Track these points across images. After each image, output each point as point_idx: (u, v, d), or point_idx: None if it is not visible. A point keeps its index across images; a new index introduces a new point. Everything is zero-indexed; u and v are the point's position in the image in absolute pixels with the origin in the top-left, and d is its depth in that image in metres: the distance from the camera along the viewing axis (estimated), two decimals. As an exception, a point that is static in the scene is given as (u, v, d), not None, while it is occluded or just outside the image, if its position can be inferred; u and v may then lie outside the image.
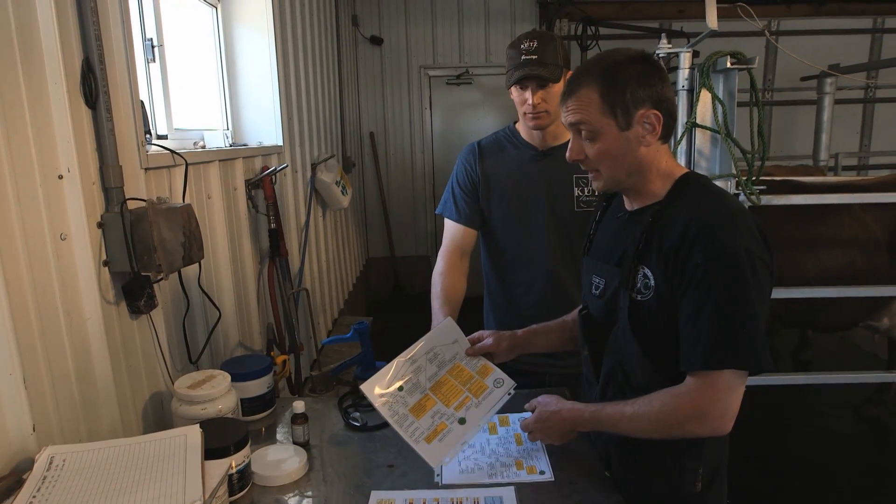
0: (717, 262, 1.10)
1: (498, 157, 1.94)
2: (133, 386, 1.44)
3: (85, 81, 1.28)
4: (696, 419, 1.12)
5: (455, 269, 1.93)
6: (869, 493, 2.91)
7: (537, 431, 1.34)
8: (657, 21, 5.66)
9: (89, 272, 1.28)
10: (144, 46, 1.97)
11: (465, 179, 1.95)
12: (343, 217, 4.54)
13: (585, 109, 1.19)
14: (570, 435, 1.32)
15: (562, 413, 1.30)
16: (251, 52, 2.71)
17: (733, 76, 2.44)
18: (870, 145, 6.16)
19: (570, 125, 1.23)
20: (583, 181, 1.89)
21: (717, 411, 1.11)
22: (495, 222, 1.94)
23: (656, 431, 1.17)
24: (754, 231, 1.14)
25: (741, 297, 1.10)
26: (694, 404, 1.12)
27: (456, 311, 1.85)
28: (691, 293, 1.12)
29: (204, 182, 1.95)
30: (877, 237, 3.05)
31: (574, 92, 1.20)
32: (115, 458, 1.04)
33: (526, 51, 1.74)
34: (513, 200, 1.90)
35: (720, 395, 1.11)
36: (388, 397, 1.34)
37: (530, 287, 1.93)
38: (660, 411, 1.15)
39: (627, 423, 1.19)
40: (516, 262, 1.94)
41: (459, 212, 1.95)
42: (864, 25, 5.94)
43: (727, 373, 1.10)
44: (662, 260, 1.16)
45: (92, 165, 1.31)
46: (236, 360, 1.75)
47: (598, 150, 1.21)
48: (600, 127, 1.19)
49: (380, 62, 5.88)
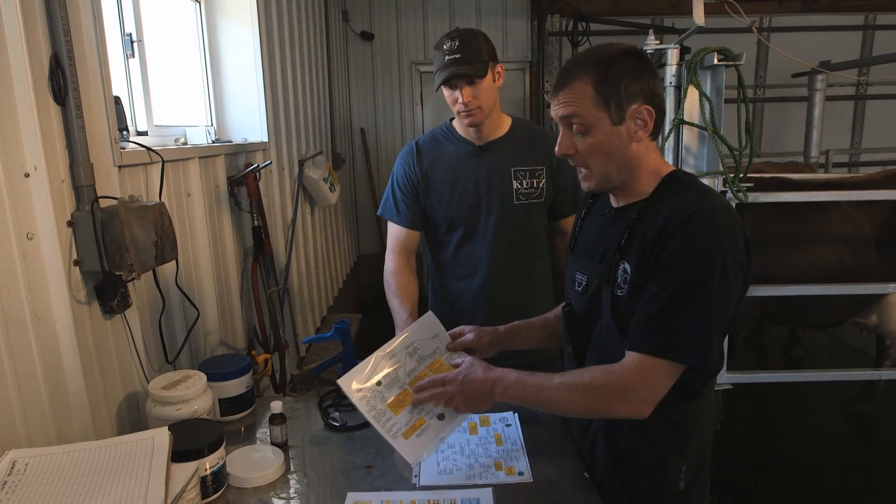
0: (688, 255, 1.10)
1: (436, 155, 1.95)
2: (107, 387, 1.42)
3: (53, 77, 1.25)
4: (621, 397, 1.13)
5: (405, 267, 1.98)
6: (857, 489, 2.92)
7: (454, 393, 1.27)
8: (649, 17, 5.65)
9: (58, 272, 1.25)
10: (123, 42, 1.94)
11: (404, 181, 1.97)
12: (332, 214, 4.51)
13: (578, 102, 1.16)
14: (488, 402, 1.26)
15: (486, 375, 1.25)
16: (235, 48, 2.68)
17: (721, 73, 2.43)
18: (861, 142, 6.17)
19: (561, 118, 1.20)
20: (521, 174, 1.91)
21: (643, 395, 1.12)
22: (437, 219, 1.96)
23: (578, 404, 1.17)
24: (736, 231, 1.13)
25: (699, 293, 1.09)
26: (624, 382, 1.12)
27: (414, 306, 1.89)
28: (655, 280, 1.12)
29: (183, 179, 1.93)
30: (865, 234, 3.05)
31: (566, 84, 1.18)
32: (80, 461, 1.02)
33: (449, 51, 1.77)
34: (452, 196, 1.92)
35: (650, 380, 1.12)
36: (366, 392, 1.32)
37: (471, 280, 1.95)
38: (589, 383, 1.15)
39: (553, 392, 1.18)
40: (458, 257, 1.97)
41: (400, 214, 1.97)
42: (855, 22, 5.94)
43: (663, 361, 1.11)
44: (640, 253, 1.15)
45: (61, 163, 1.29)
46: (215, 359, 1.73)
47: (589, 145, 1.19)
48: (593, 120, 1.16)
49: (370, 58, 5.85)
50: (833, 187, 3.02)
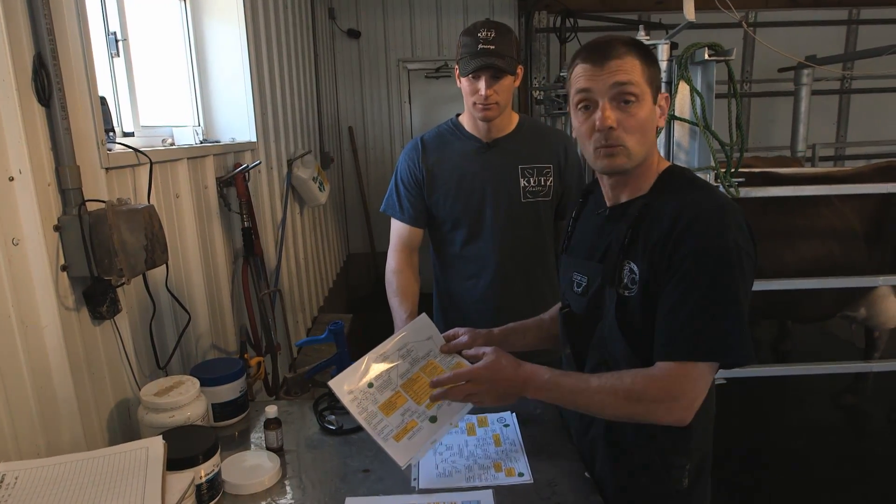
0: (706, 254, 1.09)
1: (442, 151, 1.91)
2: (97, 395, 1.39)
3: (37, 78, 1.22)
4: (665, 403, 1.10)
5: (407, 266, 1.94)
6: (848, 481, 2.94)
7: (482, 391, 1.21)
8: (636, 13, 5.65)
9: (45, 278, 1.22)
10: (108, 41, 1.90)
11: (408, 177, 1.93)
12: (322, 213, 4.48)
13: (633, 71, 1.15)
14: (511, 398, 1.21)
15: (517, 373, 1.20)
16: (222, 47, 2.64)
17: (711, 68, 2.42)
18: (846, 136, 6.23)
19: (613, 85, 1.14)
20: (528, 172, 1.88)
21: (687, 400, 1.10)
22: (441, 217, 1.92)
23: (618, 408, 1.13)
24: (743, 226, 1.13)
25: (727, 290, 1.08)
26: (667, 388, 1.10)
27: (414, 306, 1.85)
28: (675, 283, 1.10)
29: (172, 181, 1.89)
30: (854, 228, 3.07)
31: (616, 55, 1.15)
32: (72, 473, 0.99)
33: (484, 40, 1.72)
34: (458, 194, 1.88)
35: (692, 384, 1.10)
36: (358, 394, 1.30)
37: (477, 280, 1.92)
38: (630, 388, 1.11)
39: (589, 396, 1.14)
40: (463, 256, 1.93)
41: (403, 211, 1.94)
42: (839, 17, 5.99)
43: (705, 364, 1.10)
44: (649, 253, 1.14)
45: (47, 166, 1.25)
46: (207, 364, 1.70)
47: (636, 118, 1.15)
48: (643, 93, 1.16)
49: (357, 56, 5.80)
50: (822, 181, 3.04)
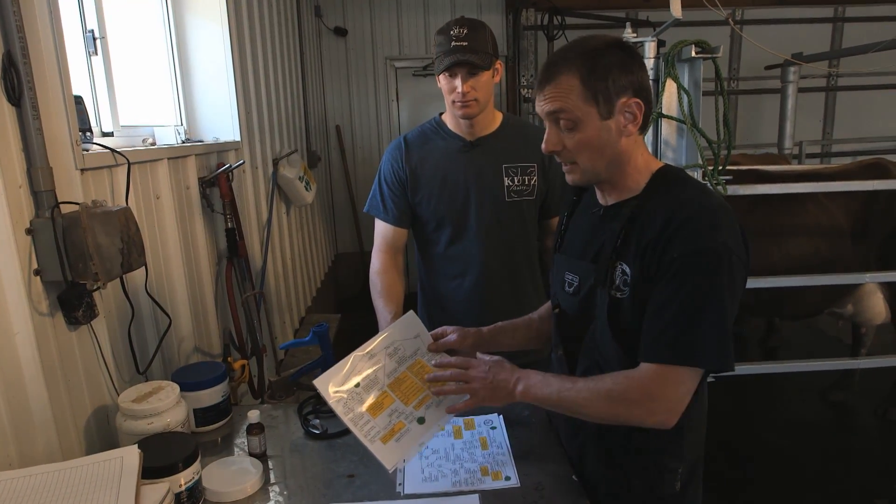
0: (695, 257, 1.07)
1: (425, 150, 1.90)
2: (73, 402, 1.35)
3: (6, 77, 1.18)
4: (644, 405, 1.09)
5: (391, 266, 1.93)
6: (836, 476, 2.95)
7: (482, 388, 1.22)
8: (623, 10, 5.64)
9: (17, 283, 1.18)
10: (85, 39, 1.86)
11: (391, 177, 1.91)
12: (309, 213, 4.44)
13: (566, 97, 1.12)
14: (508, 398, 1.23)
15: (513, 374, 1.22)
16: (205, 44, 2.59)
17: (698, 65, 2.42)
18: (832, 133, 6.27)
19: (547, 114, 1.16)
20: (512, 171, 1.87)
21: (667, 404, 1.09)
22: (426, 216, 1.91)
23: (600, 409, 1.13)
24: (735, 228, 1.11)
25: (713, 295, 1.06)
26: (645, 390, 1.09)
27: (399, 307, 1.83)
28: (663, 285, 1.09)
29: (152, 181, 1.85)
30: (841, 225, 3.08)
31: (552, 78, 1.14)
32: (44, 485, 0.96)
33: (456, 37, 1.71)
34: (442, 193, 1.87)
35: (673, 388, 1.09)
36: (344, 394, 1.26)
37: (462, 280, 1.91)
38: (611, 389, 1.11)
39: (575, 394, 1.14)
40: (448, 256, 1.92)
41: (387, 211, 1.92)
42: (825, 14, 6.01)
43: (684, 368, 1.08)
44: (640, 254, 1.12)
45: (18, 167, 1.22)
46: (188, 368, 1.67)
47: (577, 141, 1.15)
48: (581, 116, 1.13)
49: (344, 54, 5.76)
50: (809, 179, 3.04)
